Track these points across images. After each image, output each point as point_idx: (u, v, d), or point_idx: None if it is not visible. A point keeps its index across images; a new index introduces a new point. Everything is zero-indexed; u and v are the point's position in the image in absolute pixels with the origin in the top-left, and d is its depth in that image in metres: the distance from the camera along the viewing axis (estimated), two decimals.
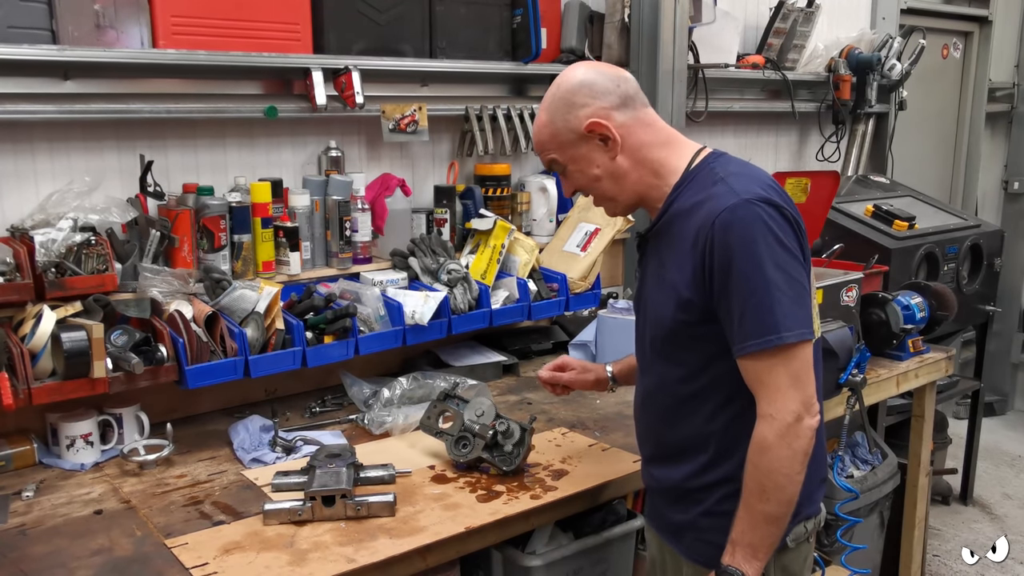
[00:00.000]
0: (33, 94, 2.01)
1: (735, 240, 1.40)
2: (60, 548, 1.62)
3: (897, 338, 2.67)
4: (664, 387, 1.59)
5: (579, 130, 1.53)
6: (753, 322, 1.40)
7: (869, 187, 3.96)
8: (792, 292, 1.41)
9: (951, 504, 4.22)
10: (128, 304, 2.04)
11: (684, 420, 1.57)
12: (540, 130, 1.59)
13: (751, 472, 1.44)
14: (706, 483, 1.56)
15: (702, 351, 1.51)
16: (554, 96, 1.56)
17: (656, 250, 1.58)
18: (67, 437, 1.99)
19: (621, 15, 2.98)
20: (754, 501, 1.43)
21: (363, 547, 1.61)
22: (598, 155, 1.55)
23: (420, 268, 2.50)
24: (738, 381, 1.47)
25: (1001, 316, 4.93)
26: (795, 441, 1.40)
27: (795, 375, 1.41)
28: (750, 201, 1.41)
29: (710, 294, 1.44)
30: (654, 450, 1.68)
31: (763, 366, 1.41)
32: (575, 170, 1.58)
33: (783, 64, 3.67)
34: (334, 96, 2.40)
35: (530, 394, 2.52)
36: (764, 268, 1.39)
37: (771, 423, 1.41)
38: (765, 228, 1.40)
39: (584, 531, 1.94)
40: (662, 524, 1.69)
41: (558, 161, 1.59)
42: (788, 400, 1.40)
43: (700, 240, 1.43)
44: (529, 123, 2.84)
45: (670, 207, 1.53)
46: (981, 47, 5.03)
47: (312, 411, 2.35)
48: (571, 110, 1.53)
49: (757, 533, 1.44)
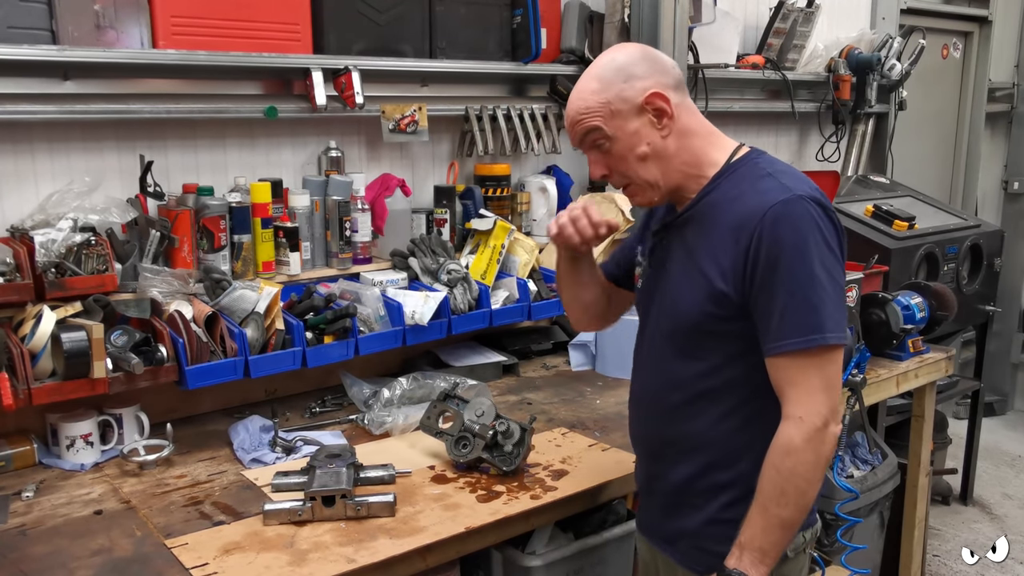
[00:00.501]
0: (33, 94, 2.01)
1: (786, 234, 1.37)
2: (60, 548, 1.62)
3: (897, 338, 2.67)
4: (675, 383, 1.54)
5: (636, 101, 1.45)
6: (795, 319, 1.37)
7: (869, 187, 3.96)
8: (835, 294, 1.39)
9: (951, 504, 4.22)
10: (128, 304, 2.04)
11: (692, 419, 1.52)
12: (588, 96, 1.47)
13: (771, 475, 1.40)
14: (707, 487, 1.53)
15: (723, 348, 1.47)
16: (610, 63, 1.48)
17: (682, 240, 1.53)
18: (67, 437, 1.99)
19: (621, 15, 2.98)
20: (771, 505, 1.40)
21: (363, 547, 1.61)
22: (648, 131, 1.47)
23: (420, 268, 2.50)
24: (754, 383, 1.44)
25: (1001, 316, 4.93)
26: (820, 446, 1.38)
27: (828, 379, 1.39)
28: (802, 198, 1.39)
29: (748, 288, 1.40)
30: (654, 449, 1.63)
31: (798, 366, 1.38)
32: (620, 146, 1.47)
33: (783, 64, 3.67)
34: (334, 96, 2.40)
35: (530, 394, 2.52)
36: (812, 266, 1.37)
37: (799, 425, 1.37)
38: (815, 226, 1.38)
39: (584, 531, 1.94)
40: (656, 531, 1.65)
41: (602, 131, 1.47)
42: (819, 404, 1.37)
43: (745, 231, 1.40)
44: (529, 123, 2.84)
45: (704, 197, 1.49)
46: (981, 47, 5.03)
47: (312, 411, 2.35)
48: (630, 80, 1.45)
49: (769, 538, 1.41)
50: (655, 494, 1.64)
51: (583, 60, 2.95)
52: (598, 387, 2.59)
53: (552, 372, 2.74)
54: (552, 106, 2.94)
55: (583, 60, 2.95)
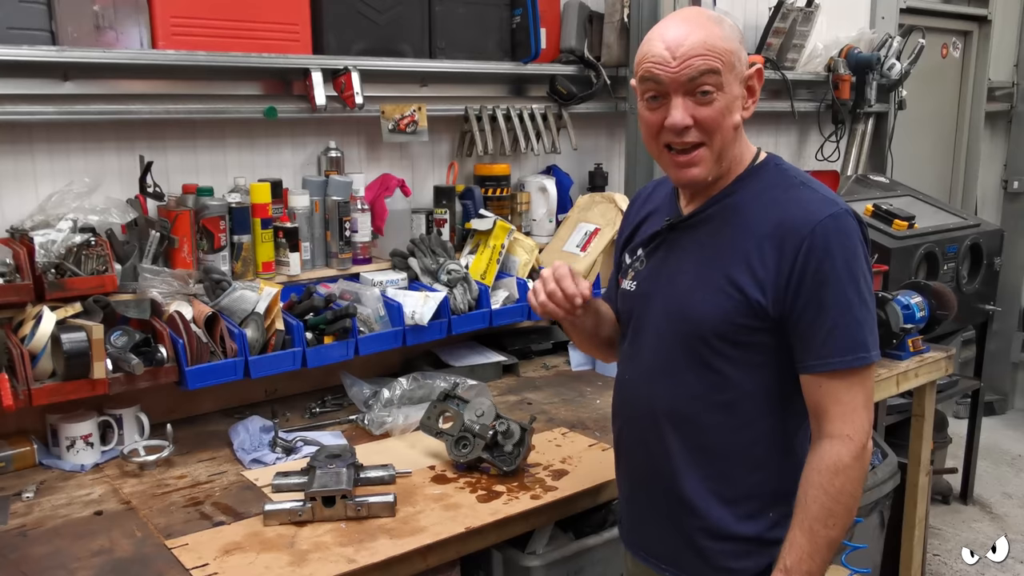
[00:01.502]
0: (32, 95, 2.01)
1: (837, 249, 1.33)
2: (60, 549, 1.62)
3: (897, 337, 2.67)
4: (687, 392, 1.46)
5: (744, 69, 1.39)
6: (844, 337, 1.34)
7: (869, 187, 3.96)
8: (874, 311, 1.39)
9: (951, 503, 4.22)
10: (128, 305, 2.04)
11: (704, 430, 1.46)
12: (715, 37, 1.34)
13: (818, 496, 1.35)
14: (718, 500, 1.47)
15: (743, 359, 1.41)
16: (724, 20, 1.39)
17: (695, 241, 1.46)
18: (67, 438, 1.99)
19: (620, 15, 2.98)
20: (819, 526, 1.35)
21: (363, 547, 1.61)
22: (740, 105, 1.40)
23: (420, 268, 2.50)
24: (771, 395, 1.41)
25: (1001, 315, 4.93)
26: (864, 463, 1.37)
27: (868, 396, 1.38)
28: (849, 213, 1.36)
29: (792, 302, 1.35)
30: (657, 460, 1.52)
31: (843, 385, 1.36)
32: (723, 103, 1.37)
33: (782, 64, 3.67)
34: (334, 96, 2.40)
35: (530, 394, 2.52)
36: (859, 284, 1.35)
37: (848, 444, 1.35)
38: (860, 243, 1.37)
39: (584, 531, 1.94)
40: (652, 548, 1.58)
41: (719, 79, 1.34)
42: (864, 421, 1.36)
43: (791, 243, 1.34)
44: (529, 123, 2.84)
45: (724, 198, 1.44)
46: (980, 46, 5.03)
47: (312, 412, 2.35)
48: (742, 45, 1.39)
49: (816, 560, 1.37)
50: (652, 509, 1.56)
51: (583, 60, 2.95)
52: (598, 387, 2.59)
53: (552, 372, 2.74)
54: (552, 106, 2.95)
55: (583, 60, 2.95)
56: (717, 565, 1.48)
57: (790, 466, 1.44)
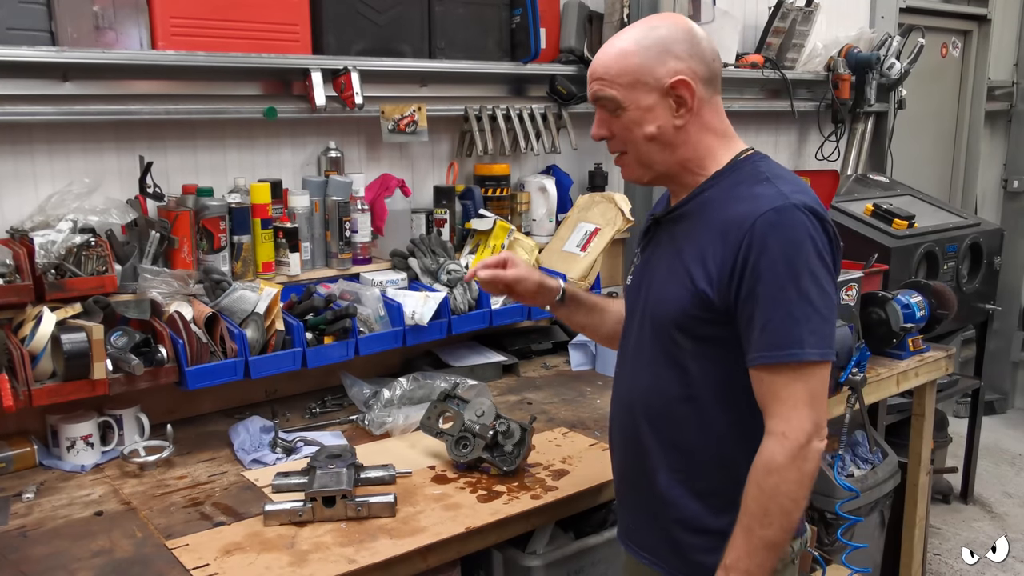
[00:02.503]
0: (32, 96, 2.01)
1: (775, 244, 1.32)
2: (61, 550, 1.62)
3: (897, 337, 2.68)
4: (659, 385, 1.49)
5: (663, 81, 1.39)
6: (778, 333, 1.32)
7: (868, 186, 3.96)
8: (823, 309, 1.34)
9: (951, 503, 4.22)
10: (128, 305, 2.04)
11: (676, 423, 1.48)
12: (615, 58, 1.41)
13: (754, 494, 1.35)
14: (690, 494, 1.48)
15: (704, 352, 1.43)
16: (651, 31, 1.41)
17: (671, 236, 1.49)
18: (67, 439, 1.99)
19: (620, 15, 2.98)
20: (755, 525, 1.35)
21: (364, 548, 1.61)
22: (663, 114, 1.42)
23: (420, 268, 2.50)
24: (737, 389, 1.41)
25: (1001, 314, 4.93)
26: (804, 463, 1.33)
27: (812, 394, 1.34)
28: (797, 207, 1.34)
29: (734, 295, 1.36)
30: (635, 452, 1.55)
31: (780, 380, 1.34)
32: (629, 118, 1.43)
33: (782, 63, 3.67)
34: (333, 97, 2.40)
35: (530, 394, 2.52)
36: (800, 279, 1.32)
37: (782, 442, 1.33)
38: (808, 237, 1.33)
39: (585, 531, 1.94)
40: (637, 539, 1.60)
41: (616, 100, 1.42)
42: (803, 419, 1.33)
43: (734, 236, 1.35)
44: (528, 123, 2.84)
45: (700, 194, 1.46)
46: (980, 46, 5.03)
47: (312, 412, 2.35)
48: (664, 56, 1.39)
49: (755, 559, 1.36)
50: (634, 500, 1.59)
51: (582, 60, 2.95)
52: (598, 387, 2.59)
53: (552, 372, 2.74)
54: (551, 106, 2.94)
55: (582, 60, 2.95)
56: (690, 559, 1.49)
57: None
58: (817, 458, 1.35)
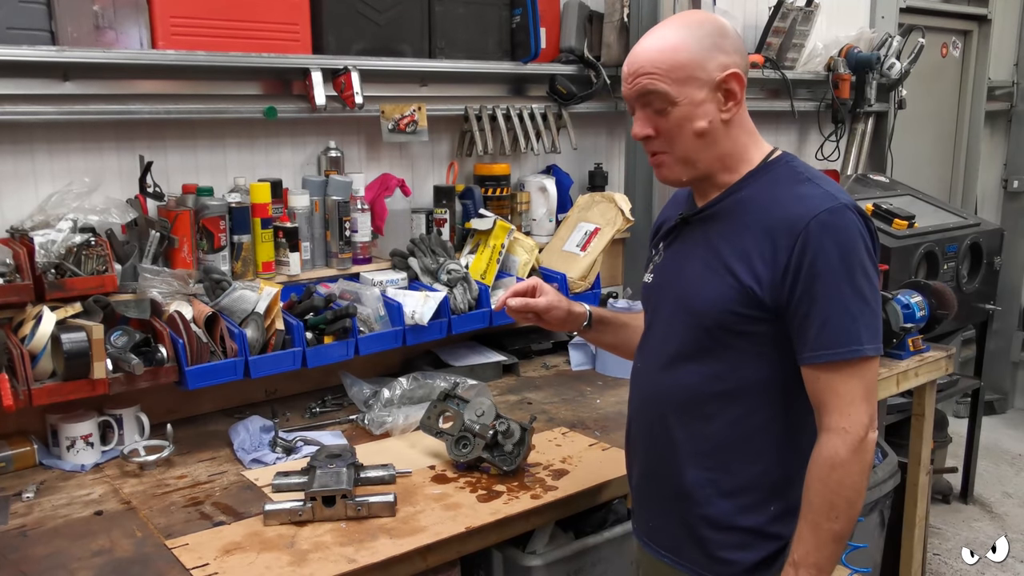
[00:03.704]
0: (32, 95, 2.01)
1: (832, 244, 1.35)
2: (61, 549, 1.62)
3: (897, 337, 2.67)
4: (691, 381, 1.49)
5: (714, 74, 1.39)
6: (837, 331, 1.35)
7: (869, 186, 3.96)
8: (875, 304, 1.38)
9: (951, 503, 4.22)
10: (128, 305, 2.04)
11: (707, 419, 1.48)
12: (664, 53, 1.39)
13: (818, 489, 1.38)
14: (720, 491, 1.48)
15: (745, 349, 1.44)
16: (701, 24, 1.41)
17: (704, 234, 1.49)
18: (67, 438, 1.99)
19: (620, 14, 2.98)
20: (822, 520, 1.38)
21: (364, 547, 1.61)
22: (712, 109, 1.41)
23: (420, 268, 2.50)
24: (774, 386, 1.43)
25: (1001, 314, 4.93)
26: (865, 456, 1.37)
27: (868, 389, 1.38)
28: (847, 207, 1.38)
29: (788, 294, 1.37)
30: (661, 449, 1.54)
31: (839, 377, 1.37)
32: (680, 114, 1.41)
33: (782, 63, 3.67)
34: (333, 96, 2.40)
35: (530, 394, 2.52)
36: (855, 277, 1.36)
37: (844, 437, 1.36)
38: (859, 237, 1.38)
39: (585, 531, 1.94)
40: (658, 538, 1.59)
41: (668, 95, 1.39)
42: (861, 414, 1.36)
43: (787, 237, 1.37)
44: (528, 123, 2.84)
45: (734, 194, 1.46)
46: (980, 46, 5.03)
47: (312, 411, 2.35)
48: (716, 50, 1.39)
49: (824, 552, 1.38)
50: (657, 498, 1.59)
51: (582, 60, 2.95)
52: (598, 387, 2.59)
53: (552, 372, 2.74)
54: (551, 106, 2.95)
55: (582, 60, 2.95)
56: (715, 556, 1.49)
57: (793, 459, 1.45)
58: (872, 449, 1.39)
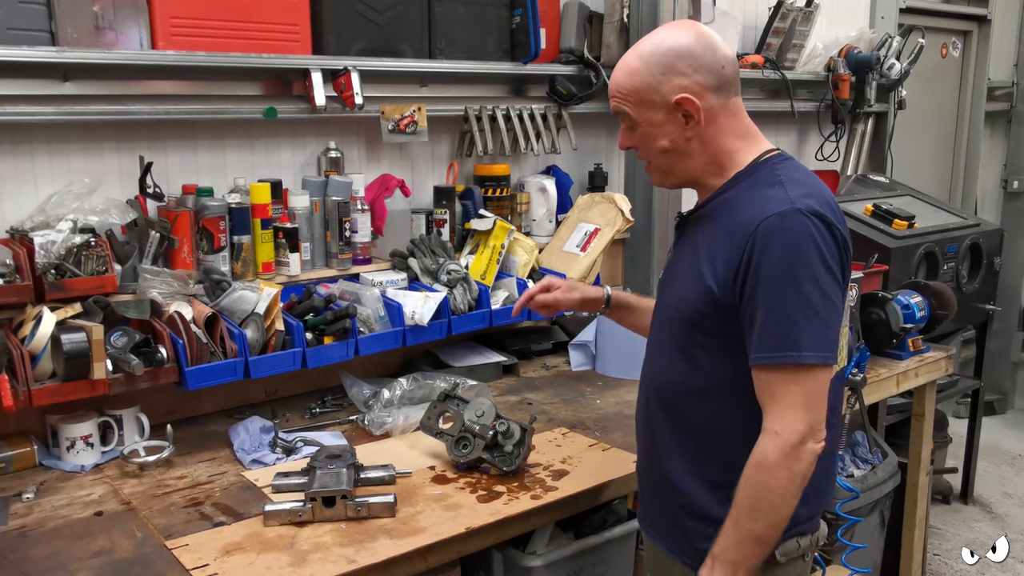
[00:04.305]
0: (32, 96, 2.01)
1: (777, 247, 1.35)
2: (61, 550, 1.62)
3: (897, 337, 2.68)
4: (673, 376, 1.54)
5: (668, 98, 1.44)
6: (775, 335, 1.35)
7: (868, 186, 3.96)
8: (824, 313, 1.36)
9: (951, 503, 4.22)
10: (128, 305, 2.04)
11: (686, 413, 1.52)
12: (625, 77, 1.47)
13: (744, 488, 1.39)
14: (699, 483, 1.51)
15: (714, 347, 1.47)
16: (656, 49, 1.45)
17: (693, 235, 1.54)
18: (67, 439, 1.99)
19: (620, 15, 2.98)
20: (743, 518, 1.39)
21: (364, 548, 1.61)
22: (673, 129, 1.46)
23: (420, 269, 2.50)
24: (746, 386, 1.43)
25: (1001, 315, 4.93)
26: (796, 463, 1.36)
27: (808, 397, 1.36)
28: (802, 212, 1.36)
29: (739, 295, 1.40)
30: (653, 438, 1.60)
31: (776, 380, 1.37)
32: (643, 134, 1.49)
33: (782, 64, 3.67)
34: (333, 97, 2.40)
35: (530, 394, 2.52)
36: (800, 282, 1.35)
37: (774, 440, 1.36)
38: (811, 242, 1.36)
39: (585, 531, 1.94)
40: (651, 521, 1.65)
41: (630, 116, 1.49)
42: (796, 420, 1.36)
43: (739, 238, 1.39)
44: (528, 123, 2.84)
45: (719, 195, 1.49)
46: (980, 46, 5.03)
47: (312, 412, 2.35)
48: (667, 74, 1.43)
49: (741, 551, 1.40)
50: (650, 486, 1.64)
51: (582, 60, 2.95)
52: (598, 387, 2.59)
53: (552, 372, 2.74)
54: (551, 106, 2.95)
55: (582, 60, 2.95)
56: (696, 546, 1.51)
57: None
58: (810, 459, 1.38)
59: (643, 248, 3.07)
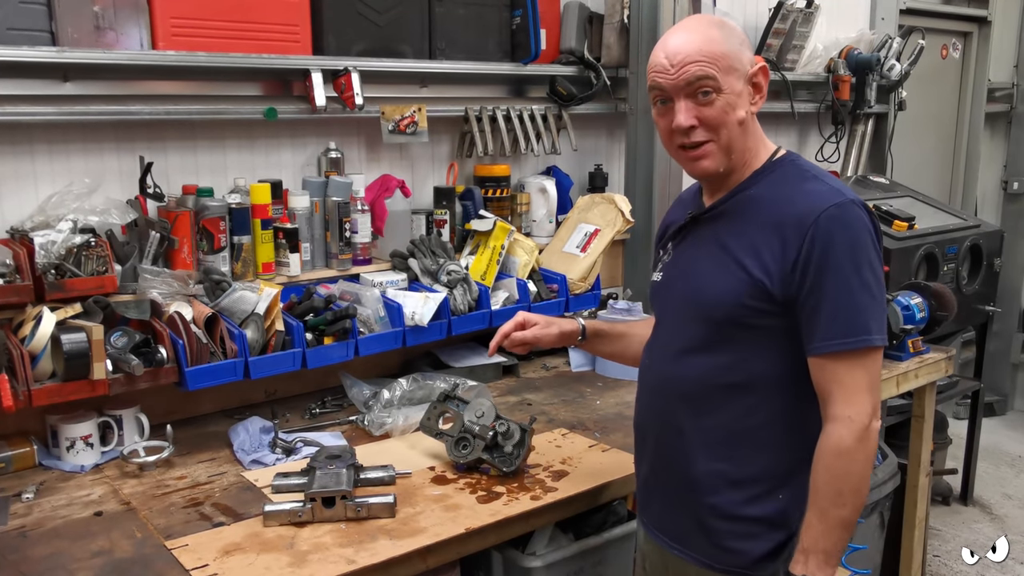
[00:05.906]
0: (33, 96, 2.01)
1: (841, 238, 1.39)
2: (60, 550, 1.62)
3: (897, 338, 2.67)
4: (701, 374, 1.52)
5: (747, 67, 1.47)
6: (845, 321, 1.39)
7: (869, 187, 3.96)
8: (880, 297, 1.43)
9: (951, 504, 4.22)
10: (128, 306, 2.04)
11: (715, 411, 1.51)
12: (710, 42, 1.44)
13: (825, 477, 1.42)
14: (728, 482, 1.51)
15: (754, 342, 1.47)
16: (723, 23, 1.49)
17: (713, 232, 1.54)
18: (67, 439, 1.99)
19: (620, 16, 2.99)
20: (829, 507, 1.41)
21: (363, 548, 1.61)
22: (746, 100, 1.48)
23: (420, 269, 2.50)
24: (782, 379, 1.46)
25: (1001, 316, 4.93)
26: (869, 444, 1.41)
27: (873, 379, 1.42)
28: (854, 202, 1.42)
29: (797, 288, 1.42)
30: (669, 440, 1.58)
31: (845, 367, 1.41)
32: (725, 103, 1.45)
33: (782, 65, 3.67)
34: (334, 97, 2.40)
35: (530, 395, 2.52)
36: (862, 270, 1.40)
37: (849, 425, 1.40)
38: (867, 232, 1.42)
39: (584, 532, 1.94)
40: (665, 528, 1.62)
41: (714, 81, 1.43)
42: (865, 403, 1.40)
43: (793, 231, 1.41)
44: (529, 124, 2.84)
45: (740, 192, 1.51)
46: (980, 47, 5.03)
47: (312, 412, 2.35)
48: (743, 45, 1.48)
49: (831, 538, 1.42)
50: (666, 488, 1.61)
51: (582, 61, 2.95)
52: (598, 388, 2.59)
53: (552, 373, 2.74)
54: (551, 107, 2.95)
55: (582, 61, 2.95)
56: (722, 546, 1.51)
57: (801, 449, 1.47)
58: (876, 437, 1.44)
59: (643, 249, 3.07)
